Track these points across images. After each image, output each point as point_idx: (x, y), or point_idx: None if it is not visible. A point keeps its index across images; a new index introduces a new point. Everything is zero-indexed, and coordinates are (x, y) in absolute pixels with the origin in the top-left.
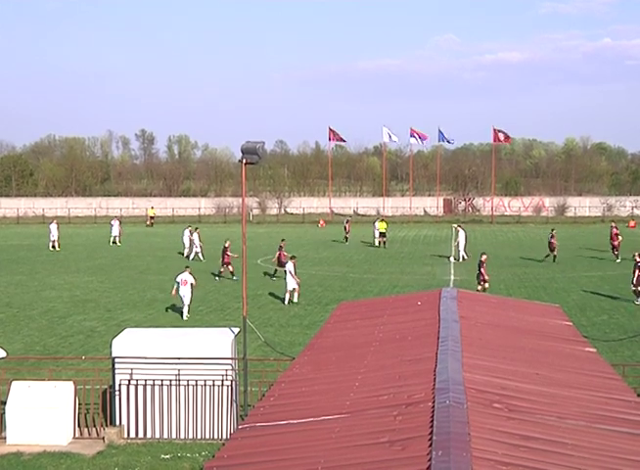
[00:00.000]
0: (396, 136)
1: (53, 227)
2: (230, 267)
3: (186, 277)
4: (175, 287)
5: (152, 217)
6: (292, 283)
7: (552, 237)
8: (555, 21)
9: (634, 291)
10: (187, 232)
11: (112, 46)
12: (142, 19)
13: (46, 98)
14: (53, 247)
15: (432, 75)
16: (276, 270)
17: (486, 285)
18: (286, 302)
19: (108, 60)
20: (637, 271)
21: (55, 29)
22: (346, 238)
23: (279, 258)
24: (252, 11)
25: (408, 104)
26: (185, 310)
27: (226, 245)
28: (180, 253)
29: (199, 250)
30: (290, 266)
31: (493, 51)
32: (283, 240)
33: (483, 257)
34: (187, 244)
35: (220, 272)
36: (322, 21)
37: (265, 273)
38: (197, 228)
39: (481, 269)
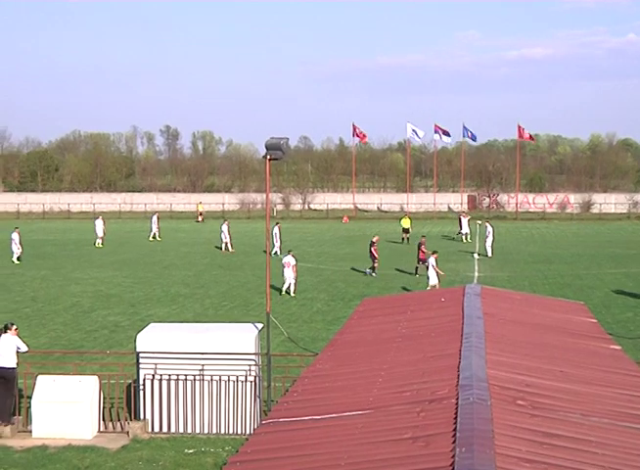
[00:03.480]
0: (422, 132)
1: (99, 223)
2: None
3: (289, 260)
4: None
5: (201, 213)
6: (434, 278)
7: None
8: (578, 16)
9: None
10: (225, 227)
11: (137, 42)
12: (167, 15)
13: (72, 94)
14: (102, 243)
15: (454, 71)
16: (417, 268)
17: None
18: None
19: (134, 56)
20: None
21: (80, 26)
22: (460, 234)
23: (419, 254)
24: (274, 5)
25: (431, 100)
26: (284, 288)
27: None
28: (218, 247)
29: (278, 243)
30: (432, 261)
31: (516, 47)
32: (423, 236)
33: None
34: (225, 239)
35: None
36: (344, 16)
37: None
38: (277, 223)
39: None
